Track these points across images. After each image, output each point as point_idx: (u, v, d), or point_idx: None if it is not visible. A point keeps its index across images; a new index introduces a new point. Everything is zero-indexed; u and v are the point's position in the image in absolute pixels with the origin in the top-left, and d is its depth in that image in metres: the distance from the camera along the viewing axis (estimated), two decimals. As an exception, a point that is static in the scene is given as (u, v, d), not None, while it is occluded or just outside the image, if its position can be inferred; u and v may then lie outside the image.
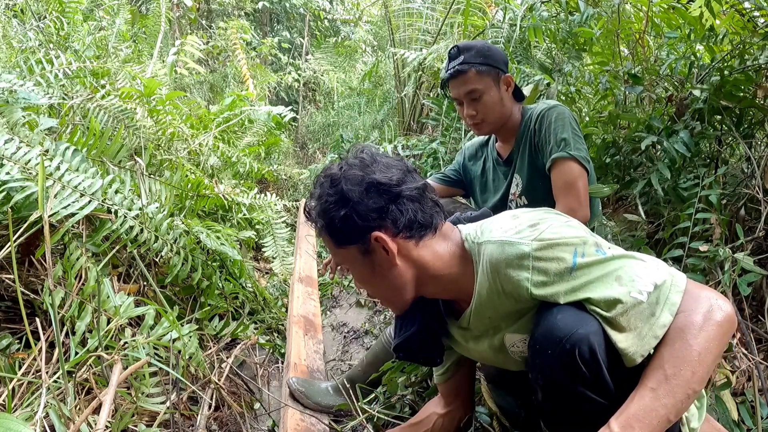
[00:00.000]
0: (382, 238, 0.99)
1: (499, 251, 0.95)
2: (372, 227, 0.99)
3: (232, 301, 2.23)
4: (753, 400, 1.32)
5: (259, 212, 3.12)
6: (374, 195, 0.99)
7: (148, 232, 1.71)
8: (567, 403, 0.89)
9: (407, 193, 1.01)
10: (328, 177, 1.03)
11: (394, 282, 1.05)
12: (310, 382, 1.77)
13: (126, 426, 1.32)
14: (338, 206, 0.99)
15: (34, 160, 1.52)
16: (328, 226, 1.02)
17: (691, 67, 1.98)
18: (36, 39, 2.85)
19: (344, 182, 0.99)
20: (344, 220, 0.99)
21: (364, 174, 1.00)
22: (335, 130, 5.69)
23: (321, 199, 1.02)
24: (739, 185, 1.90)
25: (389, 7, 4.51)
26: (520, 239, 0.93)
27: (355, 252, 1.03)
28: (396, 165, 1.03)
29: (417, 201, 1.02)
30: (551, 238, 0.91)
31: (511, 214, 1.03)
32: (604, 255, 0.90)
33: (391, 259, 1.01)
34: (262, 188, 4.12)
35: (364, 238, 1.00)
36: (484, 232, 1.02)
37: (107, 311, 1.46)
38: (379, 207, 0.99)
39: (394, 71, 4.59)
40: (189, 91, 5.31)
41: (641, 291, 0.86)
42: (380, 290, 1.09)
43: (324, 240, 1.08)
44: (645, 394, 0.81)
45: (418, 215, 1.01)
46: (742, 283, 1.48)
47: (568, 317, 0.87)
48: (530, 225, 0.95)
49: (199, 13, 6.87)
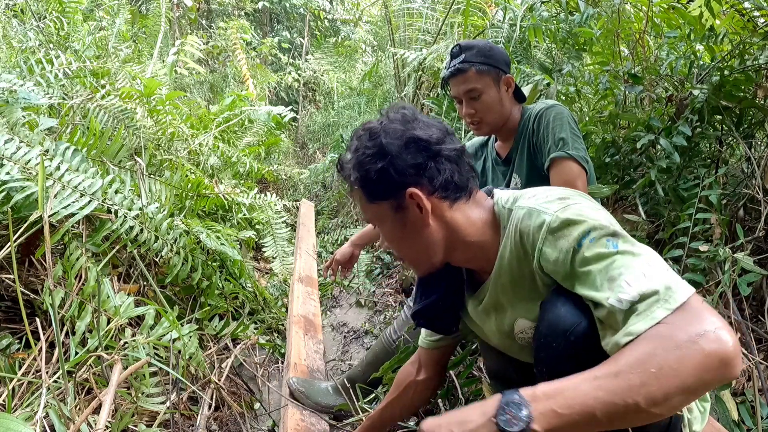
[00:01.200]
0: (418, 195, 0.97)
1: (527, 216, 0.94)
2: (407, 183, 0.97)
3: (232, 301, 2.23)
4: (753, 400, 1.32)
5: (259, 212, 3.12)
6: (413, 151, 0.97)
7: (148, 232, 1.71)
8: None
9: (446, 152, 0.99)
10: (367, 130, 1.01)
11: (424, 242, 1.03)
12: (310, 382, 1.77)
13: (126, 426, 1.32)
14: (375, 159, 0.97)
15: (34, 160, 1.52)
16: (362, 179, 1.00)
17: (691, 66, 1.98)
18: (36, 39, 2.85)
19: (384, 135, 0.98)
20: (380, 174, 0.97)
21: (404, 129, 0.99)
22: (335, 130, 5.69)
23: (358, 151, 1.00)
24: (739, 185, 1.90)
25: (389, 7, 4.51)
26: (546, 209, 0.91)
27: (387, 208, 1.01)
28: (436, 125, 1.02)
29: (455, 162, 1.01)
30: (572, 216, 0.88)
31: (546, 187, 1.02)
32: (613, 249, 0.83)
33: (423, 218, 1.00)
34: (262, 188, 4.12)
35: (398, 194, 0.98)
36: (517, 198, 1.01)
37: (107, 311, 1.46)
38: (417, 163, 0.97)
39: (394, 71, 4.59)
40: (189, 91, 5.31)
41: (621, 300, 0.77)
42: (408, 249, 1.07)
43: (354, 196, 1.06)
44: (587, 378, 0.73)
45: (455, 176, 1.00)
46: (742, 283, 1.48)
47: (571, 309, 0.86)
48: (560, 198, 0.93)
49: (199, 13, 6.87)
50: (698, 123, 1.86)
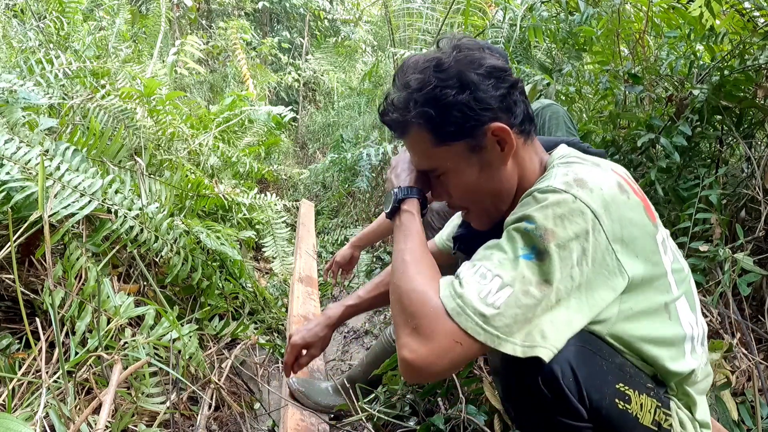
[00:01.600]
0: (504, 130, 0.86)
1: (544, 180, 0.84)
2: (489, 117, 0.86)
3: (232, 301, 2.23)
4: (753, 400, 1.32)
5: (259, 212, 3.12)
6: (494, 80, 0.86)
7: (148, 232, 1.71)
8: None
9: (520, 84, 0.89)
10: (432, 61, 0.87)
11: (497, 187, 0.92)
12: (310, 382, 1.77)
13: (126, 426, 1.32)
14: (454, 91, 0.85)
15: (34, 160, 1.52)
16: (435, 117, 0.86)
17: (691, 66, 1.98)
18: (36, 39, 2.85)
19: (458, 65, 0.86)
20: (461, 109, 0.85)
21: (481, 56, 0.87)
22: (335, 130, 5.68)
23: (426, 85, 0.86)
24: (739, 185, 1.90)
25: (389, 7, 4.51)
26: (553, 184, 0.80)
27: (463, 149, 0.89)
28: (499, 51, 0.93)
29: (523, 94, 0.90)
30: (554, 201, 0.78)
31: (596, 161, 0.87)
32: (511, 254, 0.78)
33: (504, 157, 0.88)
34: (262, 188, 4.12)
35: (477, 131, 0.87)
36: (565, 157, 0.90)
37: (107, 311, 1.46)
38: (500, 94, 0.86)
39: (394, 71, 4.59)
40: (189, 91, 5.31)
41: (459, 276, 0.81)
42: (478, 197, 0.94)
43: (412, 141, 0.93)
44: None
45: (529, 109, 0.90)
46: (742, 283, 1.48)
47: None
48: (576, 180, 0.80)
49: (199, 13, 6.87)
50: (698, 123, 1.86)
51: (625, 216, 0.80)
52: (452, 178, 0.93)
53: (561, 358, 0.79)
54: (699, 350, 0.94)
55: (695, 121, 1.86)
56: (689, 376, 0.92)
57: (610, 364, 0.86)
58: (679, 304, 0.89)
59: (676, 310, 0.89)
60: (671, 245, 0.92)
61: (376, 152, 3.46)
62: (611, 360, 0.86)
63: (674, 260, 0.90)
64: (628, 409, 0.84)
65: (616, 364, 0.87)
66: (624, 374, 0.86)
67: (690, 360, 0.91)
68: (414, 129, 0.90)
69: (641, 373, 0.90)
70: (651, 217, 0.86)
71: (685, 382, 0.92)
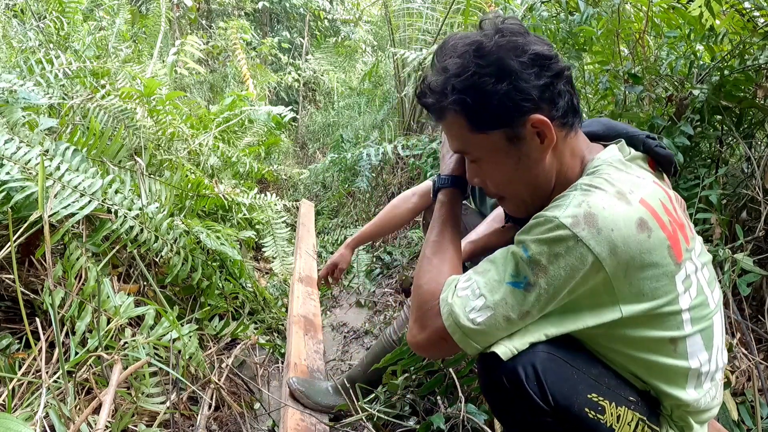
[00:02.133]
0: (544, 122, 0.83)
1: (560, 204, 0.80)
2: (530, 108, 0.82)
3: (232, 301, 2.23)
4: (753, 400, 1.32)
5: (259, 212, 3.12)
6: (537, 69, 0.82)
7: (148, 232, 1.71)
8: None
9: (567, 72, 0.85)
10: (473, 44, 0.83)
11: (534, 179, 0.89)
12: (310, 382, 1.77)
13: (126, 426, 1.32)
14: (494, 80, 0.81)
15: (34, 160, 1.52)
16: (472, 104, 0.83)
17: (691, 66, 1.98)
18: (36, 39, 2.85)
19: (499, 51, 0.81)
20: (500, 98, 0.82)
21: (524, 42, 0.82)
22: (335, 130, 5.68)
23: (465, 71, 0.82)
24: (739, 185, 1.90)
25: (389, 7, 4.51)
26: (560, 217, 0.78)
27: (500, 139, 0.86)
28: (545, 39, 0.86)
29: (570, 83, 0.86)
30: (557, 235, 0.77)
31: (625, 194, 0.80)
32: (501, 273, 0.83)
33: (543, 150, 0.85)
34: (262, 188, 4.12)
35: (517, 121, 0.83)
36: (597, 172, 0.84)
37: (107, 311, 1.46)
38: (543, 84, 0.82)
39: (394, 71, 4.59)
40: (189, 91, 5.31)
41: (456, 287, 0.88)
42: (515, 188, 0.92)
43: (449, 125, 0.90)
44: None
45: (573, 100, 0.86)
46: (742, 283, 1.48)
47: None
48: (587, 215, 0.77)
49: (199, 13, 6.87)
50: (698, 123, 1.86)
51: (637, 258, 0.78)
52: (488, 166, 0.91)
53: (525, 361, 0.82)
54: (706, 385, 0.90)
55: (695, 121, 1.86)
56: (687, 405, 0.89)
57: (583, 374, 0.84)
58: (691, 341, 0.85)
59: (686, 346, 0.85)
60: (701, 278, 0.87)
61: (376, 152, 3.46)
62: (585, 370, 0.85)
63: (698, 296, 0.85)
64: (600, 420, 0.83)
65: (591, 374, 0.86)
66: (600, 384, 0.85)
67: (690, 392, 0.88)
68: (450, 115, 0.87)
69: (626, 385, 0.88)
70: (676, 254, 0.81)
71: (683, 408, 0.90)
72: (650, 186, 0.84)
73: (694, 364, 0.87)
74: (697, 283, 0.86)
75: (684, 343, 0.85)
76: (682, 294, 0.83)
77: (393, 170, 4.01)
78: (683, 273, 0.83)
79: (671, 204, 0.85)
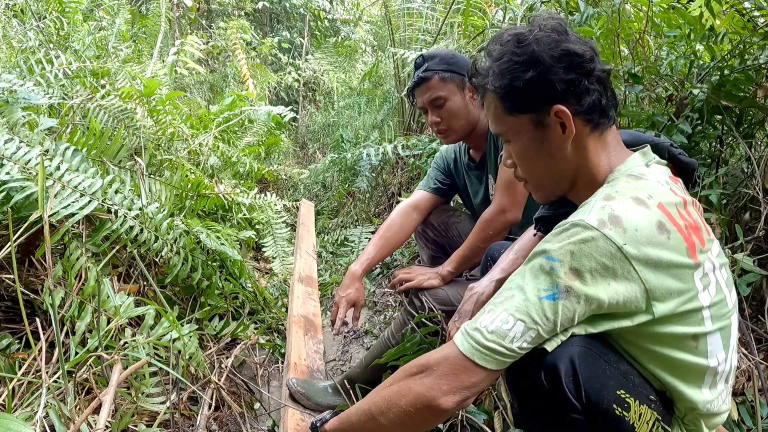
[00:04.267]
0: (566, 114, 0.91)
1: (583, 210, 0.87)
2: (555, 99, 0.91)
3: (232, 301, 2.23)
4: (753, 400, 1.32)
5: (259, 212, 3.12)
6: (566, 65, 0.90)
7: (148, 232, 1.71)
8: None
9: (597, 72, 0.93)
10: (515, 35, 0.93)
11: (553, 167, 0.97)
12: (309, 383, 1.77)
13: (126, 426, 1.32)
14: (524, 68, 0.91)
15: (34, 160, 1.52)
16: (504, 87, 0.94)
17: (691, 66, 1.98)
18: (36, 39, 2.85)
19: (536, 44, 0.91)
20: (528, 85, 0.91)
21: (560, 39, 0.91)
22: (335, 130, 5.68)
23: (503, 57, 0.93)
24: (740, 185, 1.90)
25: (389, 7, 4.50)
26: (586, 219, 0.83)
27: (527, 122, 0.95)
28: (588, 41, 0.94)
29: (603, 84, 0.94)
30: (578, 239, 0.82)
31: (644, 200, 0.86)
32: (530, 286, 0.84)
33: (564, 140, 0.93)
34: (262, 188, 4.12)
35: (543, 108, 0.92)
36: (615, 181, 0.91)
37: (107, 311, 1.46)
38: (569, 79, 0.90)
39: (394, 71, 4.58)
40: (189, 91, 5.31)
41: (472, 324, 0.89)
42: (536, 171, 1.00)
43: (488, 105, 1.00)
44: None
45: (602, 100, 0.93)
46: (742, 283, 1.48)
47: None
48: (611, 217, 0.82)
49: (199, 13, 6.87)
50: (698, 122, 1.86)
51: (660, 258, 0.83)
52: (516, 147, 1.00)
53: (564, 356, 0.82)
54: (720, 386, 0.93)
55: (695, 120, 1.86)
56: (700, 408, 0.91)
57: (614, 369, 0.87)
58: (711, 339, 0.89)
59: (706, 343, 0.89)
60: (719, 278, 0.91)
61: (376, 152, 3.46)
62: (616, 366, 0.88)
63: (717, 294, 0.89)
64: (625, 417, 0.85)
65: (620, 370, 0.88)
66: (627, 381, 0.87)
67: (705, 392, 0.91)
68: (489, 95, 0.98)
69: (646, 384, 0.91)
70: (692, 254, 0.86)
71: (696, 411, 0.92)
72: (667, 192, 0.90)
73: (712, 362, 0.90)
74: (715, 281, 0.90)
75: (705, 340, 0.88)
76: (701, 291, 0.87)
77: (393, 170, 4.01)
78: (701, 271, 0.87)
79: (686, 209, 0.90)
